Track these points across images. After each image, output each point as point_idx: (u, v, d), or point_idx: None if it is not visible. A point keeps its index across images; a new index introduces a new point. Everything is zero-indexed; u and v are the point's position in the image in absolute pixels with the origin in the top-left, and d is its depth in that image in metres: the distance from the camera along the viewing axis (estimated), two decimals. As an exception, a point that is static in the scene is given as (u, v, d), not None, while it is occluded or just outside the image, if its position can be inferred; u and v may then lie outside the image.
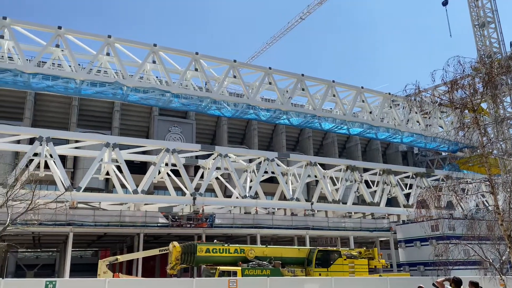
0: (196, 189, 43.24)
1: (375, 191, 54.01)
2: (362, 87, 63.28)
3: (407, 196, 55.31)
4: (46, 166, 39.18)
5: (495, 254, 21.45)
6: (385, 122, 66.68)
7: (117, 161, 41.02)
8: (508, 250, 16.95)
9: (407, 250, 41.34)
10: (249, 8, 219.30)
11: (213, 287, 23.35)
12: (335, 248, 34.74)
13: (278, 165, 49.34)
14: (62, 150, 42.51)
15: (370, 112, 63.46)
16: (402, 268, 41.59)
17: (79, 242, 42.95)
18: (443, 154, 77.48)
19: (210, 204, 46.25)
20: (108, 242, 48.77)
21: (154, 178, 43.34)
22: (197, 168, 52.34)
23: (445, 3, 74.46)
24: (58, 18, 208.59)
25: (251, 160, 52.05)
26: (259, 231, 41.76)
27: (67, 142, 45.49)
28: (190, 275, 38.33)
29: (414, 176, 56.75)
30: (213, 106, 53.37)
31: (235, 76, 55.82)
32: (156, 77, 56.24)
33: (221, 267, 26.37)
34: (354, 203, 53.47)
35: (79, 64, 48.55)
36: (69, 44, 47.65)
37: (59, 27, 46.71)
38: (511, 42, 60.80)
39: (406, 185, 57.28)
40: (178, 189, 46.88)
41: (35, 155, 37.49)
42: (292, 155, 54.36)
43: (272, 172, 49.20)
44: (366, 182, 55.22)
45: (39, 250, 59.55)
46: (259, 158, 49.49)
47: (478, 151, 18.31)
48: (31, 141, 42.20)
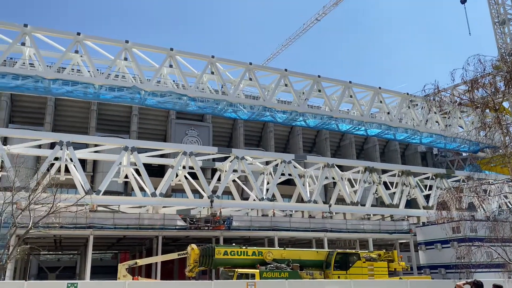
0: (213, 191, 43.40)
1: (394, 193, 53.28)
2: (380, 88, 62.64)
3: (427, 197, 54.42)
4: (67, 170, 39.87)
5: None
6: (403, 122, 65.83)
7: (135, 164, 41.47)
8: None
9: (428, 253, 40.67)
10: (264, 11, 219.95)
11: (231, 289, 23.34)
12: (354, 251, 34.38)
13: (295, 167, 49.14)
14: (82, 154, 43.22)
15: (388, 113, 62.71)
16: (422, 271, 40.97)
17: (99, 245, 43.57)
18: (464, 154, 76.08)
19: (228, 206, 46.33)
20: (127, 244, 49.32)
21: (172, 181, 43.65)
22: (214, 171, 52.56)
23: (463, 1, 73.28)
24: (75, 24, 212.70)
25: (267, 163, 51.98)
26: (276, 233, 41.63)
27: (86, 146, 46.27)
28: (208, 277, 38.46)
29: (434, 177, 55.77)
30: (229, 108, 53.60)
31: (251, 79, 55.91)
32: (173, 81, 56.78)
33: (239, 270, 26.36)
34: (372, 205, 52.83)
35: (97, 69, 49.40)
36: (87, 49, 48.53)
37: (78, 34, 47.61)
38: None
39: (425, 186, 56.34)
40: (195, 191, 47.12)
41: (56, 159, 38.17)
42: (309, 157, 54.06)
43: (289, 174, 49.01)
44: (385, 183, 54.57)
45: (60, 253, 60.66)
46: (275, 160, 49.39)
47: (501, 151, 17.92)
48: (52, 145, 43.02)
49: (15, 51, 48.68)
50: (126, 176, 43.17)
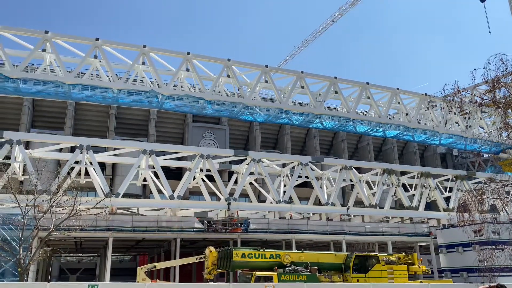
0: (231, 194, 43.51)
1: (413, 195, 52.49)
2: (398, 89, 61.95)
3: (447, 199, 53.44)
4: (86, 173, 40.54)
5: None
6: (422, 123, 64.91)
7: (153, 167, 41.90)
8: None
9: (449, 256, 39.93)
10: (280, 13, 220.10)
11: (249, 292, 23.32)
12: (373, 254, 33.97)
13: (312, 169, 48.90)
14: (101, 157, 43.91)
15: (406, 114, 61.93)
16: (443, 274, 40.23)
17: (118, 247, 44.10)
18: (485, 155, 74.52)
19: (245, 209, 46.39)
20: (146, 247, 49.80)
21: (189, 183, 43.95)
22: (231, 173, 52.73)
23: (483, -1, 71.90)
24: (93, 29, 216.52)
25: (284, 165, 51.88)
26: (294, 236, 41.47)
27: (105, 149, 46.96)
28: (226, 280, 38.52)
29: (454, 179, 54.75)
30: (245, 111, 53.75)
31: (267, 81, 55.97)
32: (190, 84, 57.27)
33: (257, 272, 26.33)
34: (391, 208, 52.13)
35: (116, 74, 50.14)
36: (106, 54, 49.33)
37: (97, 39, 48.45)
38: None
39: (445, 188, 55.38)
40: (212, 194, 47.34)
41: (76, 162, 38.86)
42: (326, 159, 53.77)
43: (306, 177, 48.78)
44: (404, 185, 53.82)
45: (80, 255, 61.66)
46: (292, 162, 49.25)
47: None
48: (72, 149, 43.81)
49: (36, 57, 49.84)
50: (145, 179, 43.68)
